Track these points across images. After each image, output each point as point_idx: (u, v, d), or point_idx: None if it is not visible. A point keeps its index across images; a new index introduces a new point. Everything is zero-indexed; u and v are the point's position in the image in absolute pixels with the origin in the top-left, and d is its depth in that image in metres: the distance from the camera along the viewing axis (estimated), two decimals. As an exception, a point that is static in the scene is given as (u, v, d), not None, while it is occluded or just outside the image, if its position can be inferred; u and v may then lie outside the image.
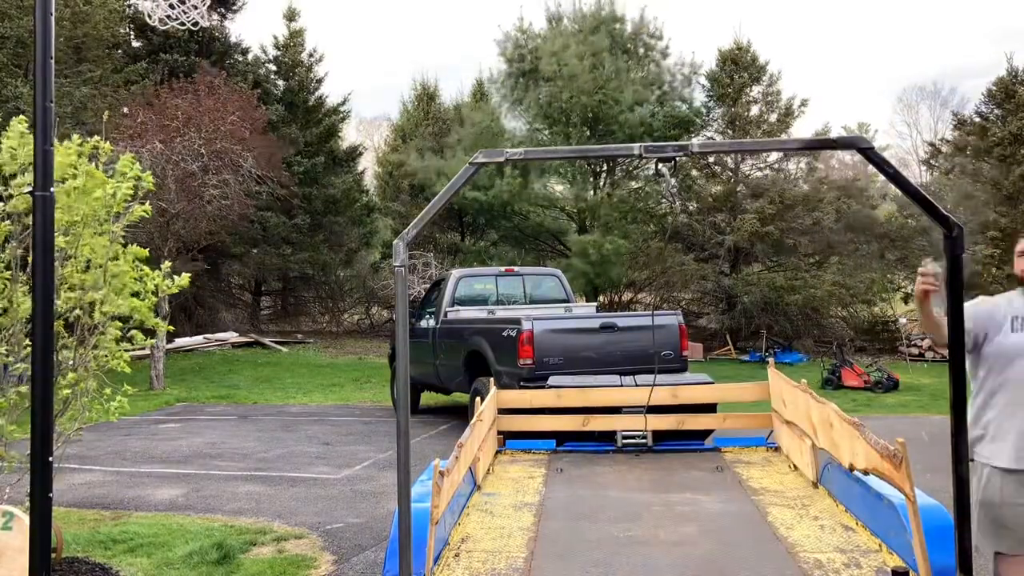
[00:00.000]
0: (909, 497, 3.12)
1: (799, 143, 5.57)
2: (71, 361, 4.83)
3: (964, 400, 2.86)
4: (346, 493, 7.05)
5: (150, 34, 22.30)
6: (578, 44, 20.31)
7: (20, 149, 4.68)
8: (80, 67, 17.34)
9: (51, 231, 3.21)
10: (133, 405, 6.46)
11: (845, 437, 3.92)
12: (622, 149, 4.47)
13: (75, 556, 5.13)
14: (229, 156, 15.83)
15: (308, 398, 13.67)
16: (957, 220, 2.93)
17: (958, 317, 2.94)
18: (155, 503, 6.78)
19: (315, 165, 24.44)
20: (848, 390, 13.36)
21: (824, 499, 4.53)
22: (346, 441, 9.61)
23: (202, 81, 17.07)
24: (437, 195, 3.13)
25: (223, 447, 9.33)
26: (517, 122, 22.72)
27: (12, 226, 4.73)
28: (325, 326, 27.62)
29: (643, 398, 6.12)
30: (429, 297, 11.62)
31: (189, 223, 15.51)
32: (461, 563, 3.60)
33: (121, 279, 4.92)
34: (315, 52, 26.98)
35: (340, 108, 27.64)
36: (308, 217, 24.43)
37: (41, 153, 3.15)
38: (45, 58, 3.13)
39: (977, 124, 20.87)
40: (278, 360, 19.59)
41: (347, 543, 5.60)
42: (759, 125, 20.89)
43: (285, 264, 24.68)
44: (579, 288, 19.74)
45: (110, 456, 8.79)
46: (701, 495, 4.75)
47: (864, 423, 3.74)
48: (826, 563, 3.52)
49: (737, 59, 21.18)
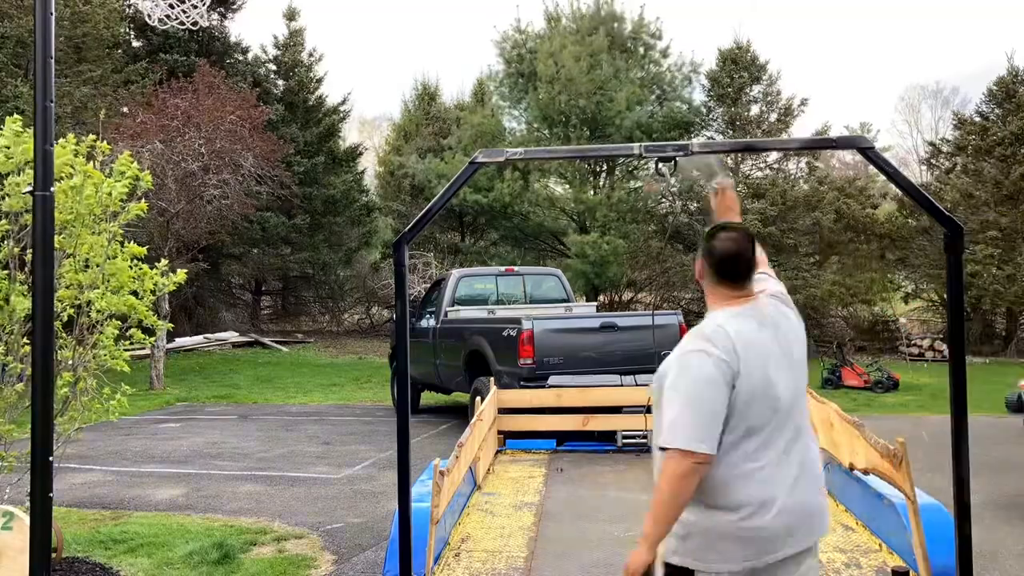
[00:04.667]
0: (909, 497, 3.11)
1: (799, 143, 5.57)
2: (70, 361, 4.82)
3: (964, 400, 2.86)
4: (346, 493, 7.05)
5: (150, 34, 22.30)
6: (575, 44, 20.29)
7: (15, 148, 4.67)
8: (80, 67, 17.33)
9: (51, 230, 3.21)
10: (133, 405, 6.47)
11: (845, 437, 3.91)
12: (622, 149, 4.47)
13: (75, 556, 5.13)
14: (229, 156, 15.83)
15: (308, 398, 13.67)
16: (957, 220, 2.93)
17: (958, 317, 2.94)
18: (155, 503, 6.78)
19: (315, 165, 24.43)
20: (848, 390, 13.36)
21: (824, 499, 4.53)
22: (346, 441, 9.60)
23: (202, 80, 17.06)
24: (437, 195, 3.13)
25: (223, 447, 9.32)
26: (517, 123, 22.73)
27: (9, 225, 4.73)
28: (325, 326, 27.61)
29: (643, 398, 6.12)
30: (429, 297, 11.61)
31: (189, 223, 15.51)
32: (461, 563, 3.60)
33: (119, 277, 4.91)
34: (315, 52, 27.00)
35: (340, 108, 27.63)
36: (308, 217, 24.42)
37: (41, 153, 3.15)
38: (45, 58, 3.12)
39: (978, 124, 20.86)
40: (278, 360, 19.58)
41: (347, 543, 5.59)
42: (759, 125, 20.87)
43: (285, 264, 24.67)
44: (579, 288, 19.74)
45: (110, 456, 8.78)
46: (701, 495, 4.74)
47: (864, 423, 3.73)
48: (826, 563, 3.52)
49: (737, 59, 21.16)
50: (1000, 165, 19.30)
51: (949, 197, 19.31)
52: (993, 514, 6.09)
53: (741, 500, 2.17)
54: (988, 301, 19.41)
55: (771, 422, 2.23)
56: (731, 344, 2.21)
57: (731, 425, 2.18)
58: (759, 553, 2.17)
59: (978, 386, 11.70)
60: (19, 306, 4.58)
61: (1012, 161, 19.24)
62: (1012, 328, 20.43)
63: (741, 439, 2.20)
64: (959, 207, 18.80)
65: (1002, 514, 6.14)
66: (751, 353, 2.22)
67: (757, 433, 2.21)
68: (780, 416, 2.24)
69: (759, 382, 2.21)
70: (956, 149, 21.52)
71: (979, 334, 20.29)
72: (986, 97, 20.98)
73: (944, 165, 22.08)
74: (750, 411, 2.19)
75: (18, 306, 4.58)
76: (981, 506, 5.85)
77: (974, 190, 19.37)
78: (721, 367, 2.17)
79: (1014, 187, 18.94)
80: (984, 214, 18.88)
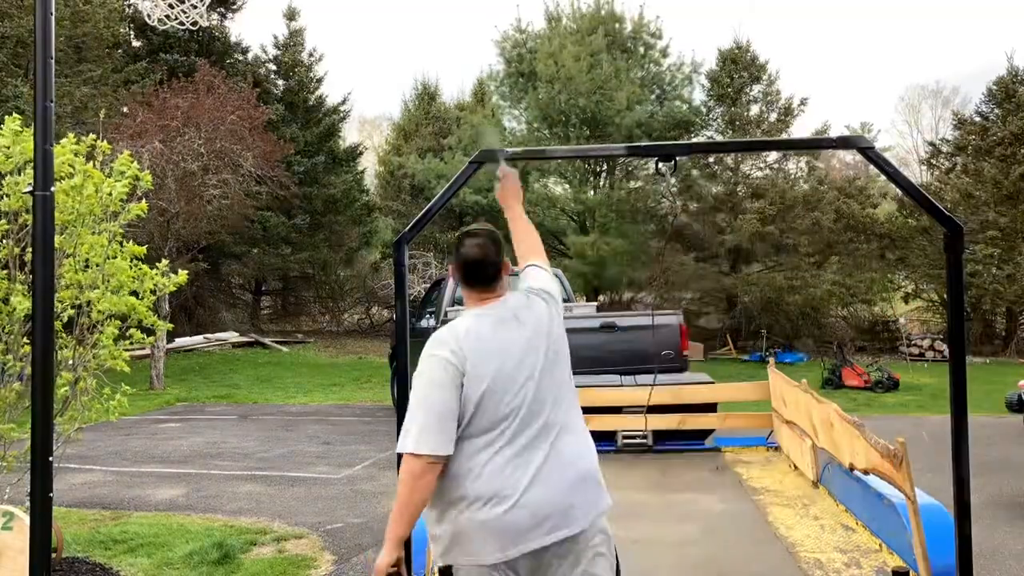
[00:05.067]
0: (909, 497, 3.11)
1: (799, 143, 5.57)
2: (70, 361, 4.82)
3: (964, 400, 2.86)
4: (346, 493, 7.05)
5: (150, 34, 22.28)
6: (575, 44, 20.29)
7: (14, 148, 4.67)
8: (80, 67, 17.33)
9: (51, 230, 3.21)
10: (133, 405, 6.47)
11: (845, 437, 3.91)
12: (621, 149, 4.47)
13: (75, 556, 5.13)
14: (229, 156, 15.83)
15: (308, 398, 13.66)
16: (957, 220, 2.93)
17: (958, 317, 2.94)
18: (155, 503, 6.78)
19: (315, 165, 24.42)
20: (848, 390, 13.36)
21: (824, 499, 4.53)
22: (346, 441, 9.60)
23: (202, 80, 17.06)
24: (437, 195, 3.13)
25: (223, 447, 9.32)
26: (517, 123, 22.72)
27: (9, 225, 4.73)
28: (325, 326, 27.60)
29: (643, 398, 6.12)
30: (429, 297, 11.61)
31: (189, 223, 15.50)
32: (461, 563, 3.60)
33: (119, 277, 4.91)
34: (315, 52, 26.98)
35: (340, 108, 27.62)
36: (308, 217, 24.42)
37: (41, 152, 3.15)
38: (45, 58, 3.12)
39: (978, 124, 20.87)
40: (278, 360, 19.58)
41: (347, 543, 5.60)
42: (759, 125, 20.86)
43: (285, 264, 24.66)
44: (579, 288, 19.73)
45: (110, 456, 8.78)
46: (701, 495, 4.75)
47: (864, 423, 3.73)
48: (826, 563, 3.52)
49: (737, 58, 21.16)
50: (1000, 165, 19.30)
51: (949, 197, 19.31)
52: (993, 514, 6.09)
53: (472, 495, 2.24)
54: (988, 301, 19.41)
55: (508, 418, 2.28)
56: (459, 345, 2.29)
57: (464, 422, 2.26)
58: (505, 545, 2.23)
59: (978, 386, 11.71)
60: (19, 306, 4.58)
61: (1012, 161, 19.23)
62: (1012, 328, 20.43)
63: (475, 435, 2.27)
64: (959, 207, 18.80)
65: (1002, 514, 6.15)
66: (481, 352, 2.29)
67: (491, 429, 2.27)
68: (522, 412, 2.29)
69: (491, 380, 2.27)
70: (956, 149, 21.51)
71: (979, 334, 20.29)
72: (986, 97, 20.99)
73: (944, 165, 22.07)
74: (482, 408, 2.26)
75: (18, 306, 4.58)
76: (981, 506, 5.86)
77: (974, 190, 19.36)
78: (448, 369, 2.26)
79: (1014, 187, 18.94)
80: (984, 214, 18.88)
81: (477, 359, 2.28)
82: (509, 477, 2.24)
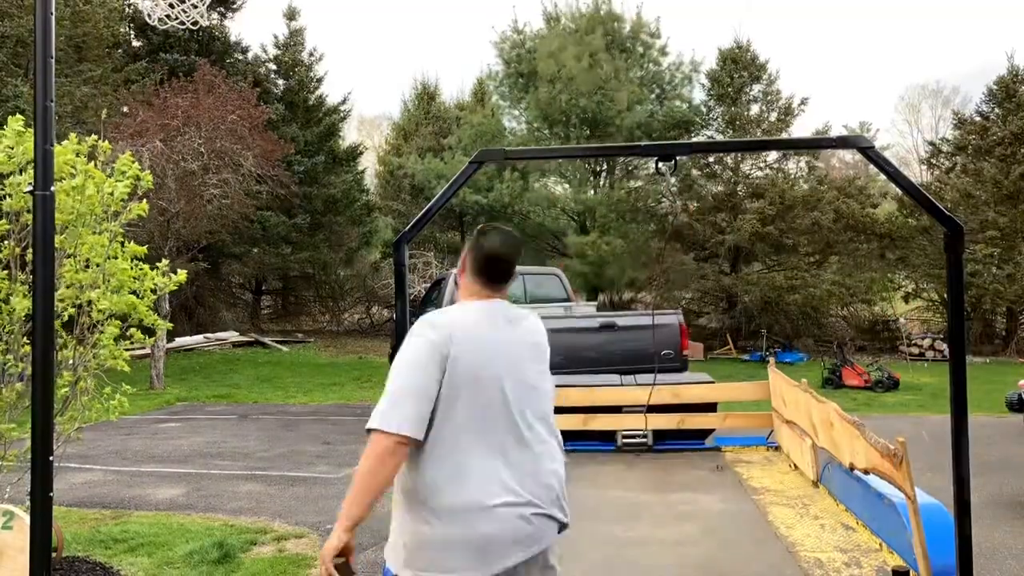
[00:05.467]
0: (909, 496, 3.11)
1: (799, 142, 5.57)
2: (71, 360, 4.82)
3: (965, 400, 2.86)
4: (346, 492, 7.05)
5: (150, 34, 22.29)
6: (575, 44, 20.29)
7: (16, 148, 4.67)
8: (80, 66, 17.33)
9: (51, 230, 3.21)
10: (133, 404, 6.46)
11: (845, 436, 3.91)
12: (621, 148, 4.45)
13: (75, 555, 5.13)
14: (229, 155, 15.83)
15: (308, 397, 13.66)
16: (957, 219, 2.94)
17: (958, 316, 2.94)
18: (155, 502, 6.78)
19: (315, 164, 24.43)
20: (848, 389, 13.36)
21: (824, 498, 4.53)
22: (346, 440, 9.60)
23: (202, 80, 17.06)
24: (437, 195, 3.13)
25: (223, 446, 9.33)
26: (517, 123, 22.73)
27: (10, 225, 4.73)
28: (325, 325, 27.60)
29: (643, 397, 6.12)
30: (429, 297, 11.62)
31: (189, 222, 15.50)
32: (461, 562, 3.60)
33: (119, 277, 4.91)
34: (315, 52, 27.00)
35: (340, 107, 27.64)
36: (308, 216, 24.42)
37: (41, 152, 3.15)
38: (45, 58, 3.12)
39: (978, 123, 20.87)
40: (278, 359, 19.57)
41: (347, 542, 5.59)
42: (759, 124, 20.87)
43: (285, 263, 24.67)
44: (579, 288, 19.73)
45: (110, 455, 8.78)
46: (701, 494, 4.76)
47: (864, 422, 3.74)
48: (826, 562, 3.52)
49: (737, 58, 21.16)
50: (1000, 165, 19.31)
51: (949, 197, 19.31)
52: (993, 513, 6.09)
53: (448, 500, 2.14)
54: (988, 301, 19.42)
55: (488, 417, 2.19)
56: (447, 329, 2.20)
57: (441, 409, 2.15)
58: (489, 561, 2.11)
59: (978, 386, 11.71)
60: (19, 306, 4.58)
61: (1012, 161, 19.25)
62: (1012, 328, 20.44)
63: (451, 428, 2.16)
64: (959, 207, 18.81)
65: (1002, 513, 6.15)
66: (469, 339, 2.20)
67: (470, 426, 2.17)
68: (503, 415, 2.21)
69: (475, 369, 2.18)
70: (956, 149, 21.52)
71: (979, 334, 20.30)
72: (986, 97, 21.00)
73: (944, 165, 22.08)
74: (461, 398, 2.16)
75: (18, 306, 4.59)
76: (981, 506, 5.86)
77: (974, 190, 19.37)
78: (432, 350, 2.16)
79: (1014, 187, 18.95)
80: (984, 214, 18.89)
81: (464, 345, 2.19)
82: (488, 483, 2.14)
